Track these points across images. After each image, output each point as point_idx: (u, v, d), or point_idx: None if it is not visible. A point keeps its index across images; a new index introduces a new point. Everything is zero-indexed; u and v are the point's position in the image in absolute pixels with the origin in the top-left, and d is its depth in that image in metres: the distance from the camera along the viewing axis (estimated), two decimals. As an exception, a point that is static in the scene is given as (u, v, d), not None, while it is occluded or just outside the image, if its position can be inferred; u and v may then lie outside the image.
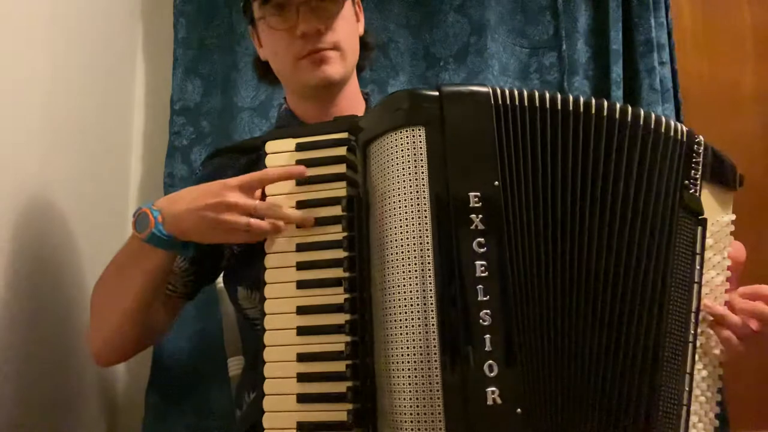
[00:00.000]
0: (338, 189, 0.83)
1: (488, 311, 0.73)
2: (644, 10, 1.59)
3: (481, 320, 0.72)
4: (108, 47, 1.50)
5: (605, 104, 0.83)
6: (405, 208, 0.76)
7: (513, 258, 0.76)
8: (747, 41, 1.68)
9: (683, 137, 0.86)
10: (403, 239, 0.75)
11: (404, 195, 0.76)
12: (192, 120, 1.60)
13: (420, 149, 0.77)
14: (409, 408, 0.72)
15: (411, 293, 0.74)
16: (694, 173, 0.86)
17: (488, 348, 0.72)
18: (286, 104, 1.13)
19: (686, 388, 0.81)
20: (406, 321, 0.74)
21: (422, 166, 0.76)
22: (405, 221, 0.76)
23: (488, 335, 0.72)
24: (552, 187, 0.79)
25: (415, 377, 0.72)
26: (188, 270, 1.04)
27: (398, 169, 0.77)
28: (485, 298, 0.73)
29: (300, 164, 0.85)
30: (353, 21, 1.09)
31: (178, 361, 1.46)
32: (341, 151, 0.84)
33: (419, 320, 0.73)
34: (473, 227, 0.75)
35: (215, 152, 1.14)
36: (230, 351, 1.26)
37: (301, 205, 0.84)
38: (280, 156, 0.87)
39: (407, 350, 0.73)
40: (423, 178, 0.76)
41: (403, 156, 0.77)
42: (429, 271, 0.74)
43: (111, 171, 1.51)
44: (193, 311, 1.45)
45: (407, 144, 0.77)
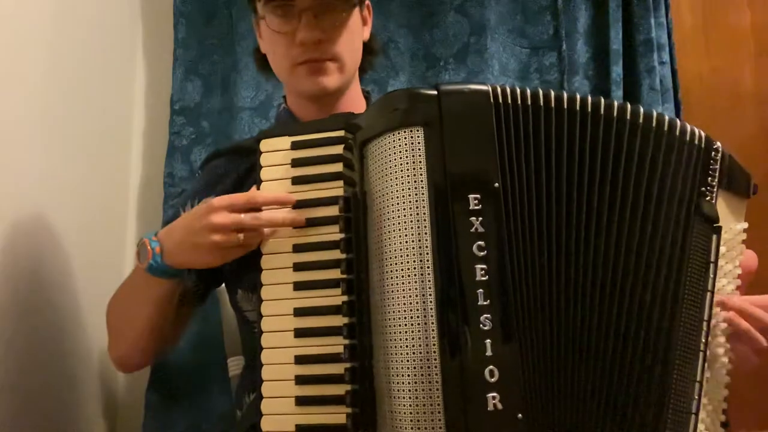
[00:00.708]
0: (335, 188, 0.82)
1: (488, 316, 0.71)
2: (644, 10, 1.58)
3: (482, 325, 0.71)
4: (108, 47, 1.50)
5: (615, 105, 0.80)
6: (403, 211, 0.75)
7: (514, 262, 0.74)
8: (747, 41, 1.67)
9: (701, 143, 0.84)
10: (402, 243, 0.74)
11: (403, 197, 0.75)
12: (192, 120, 1.60)
13: (418, 150, 0.75)
14: (409, 413, 0.71)
15: (410, 297, 0.73)
16: (711, 180, 0.84)
17: (489, 353, 0.71)
18: (285, 104, 1.12)
19: (695, 396, 0.80)
20: (406, 325, 0.73)
21: (421, 168, 0.75)
22: (404, 224, 0.74)
23: (489, 340, 0.71)
24: (557, 189, 0.77)
25: (415, 382, 0.71)
26: (197, 284, 1.04)
27: (396, 171, 0.75)
28: (485, 303, 0.72)
29: (296, 162, 0.84)
30: (357, 29, 1.06)
31: (178, 361, 1.46)
32: (338, 150, 0.82)
33: (419, 325, 0.72)
34: (473, 230, 0.73)
35: (214, 154, 1.13)
36: (230, 351, 1.26)
37: (298, 205, 0.83)
38: (276, 155, 0.85)
39: (407, 355, 0.72)
40: (422, 180, 0.74)
41: (402, 157, 0.75)
42: (428, 275, 0.73)
43: (111, 171, 1.51)
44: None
45: (405, 145, 0.75)
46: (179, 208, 1.06)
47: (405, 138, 0.76)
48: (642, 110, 0.81)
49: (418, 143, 0.75)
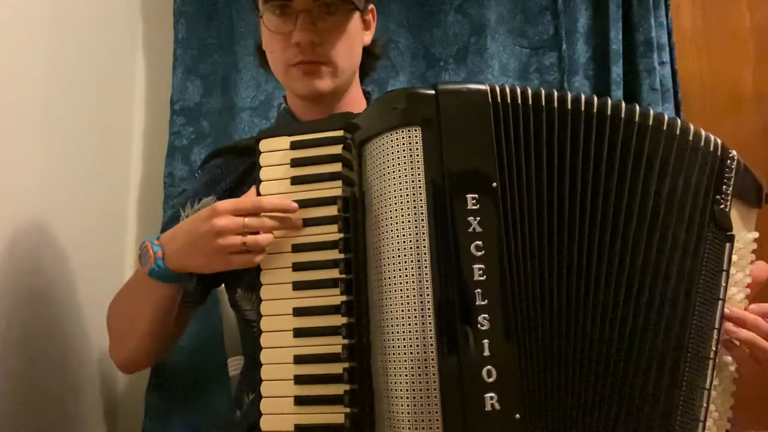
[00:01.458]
0: (334, 188, 0.82)
1: (486, 315, 0.71)
2: (644, 10, 1.58)
3: (480, 325, 0.71)
4: (108, 47, 1.50)
5: (623, 105, 0.79)
6: (401, 211, 0.74)
7: (513, 262, 0.74)
8: (747, 41, 1.67)
9: (717, 150, 0.83)
10: (400, 242, 0.74)
11: (400, 197, 0.74)
12: (192, 120, 1.60)
13: (416, 150, 0.75)
14: (407, 413, 0.71)
15: (408, 297, 0.73)
16: (726, 188, 0.83)
17: (486, 353, 0.70)
18: (286, 103, 1.12)
19: (704, 404, 0.79)
20: (403, 325, 0.72)
21: (418, 168, 0.74)
22: (401, 224, 0.74)
23: (486, 340, 0.71)
24: (559, 190, 0.76)
25: (413, 382, 0.71)
26: (196, 285, 1.04)
27: (394, 171, 0.75)
28: (483, 303, 0.71)
29: (295, 162, 0.84)
30: (356, 34, 1.05)
31: (178, 362, 1.46)
32: (337, 150, 0.82)
33: (416, 325, 0.72)
34: (471, 230, 0.73)
35: (214, 153, 1.13)
36: (230, 351, 1.26)
37: (297, 205, 0.83)
38: (275, 154, 0.85)
39: (404, 355, 0.72)
40: (419, 181, 0.74)
41: (400, 157, 0.75)
42: (426, 275, 0.72)
43: (111, 171, 1.51)
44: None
45: (403, 145, 0.75)
46: (179, 208, 1.06)
47: (403, 137, 0.75)
48: (653, 112, 0.80)
49: (416, 143, 0.75)
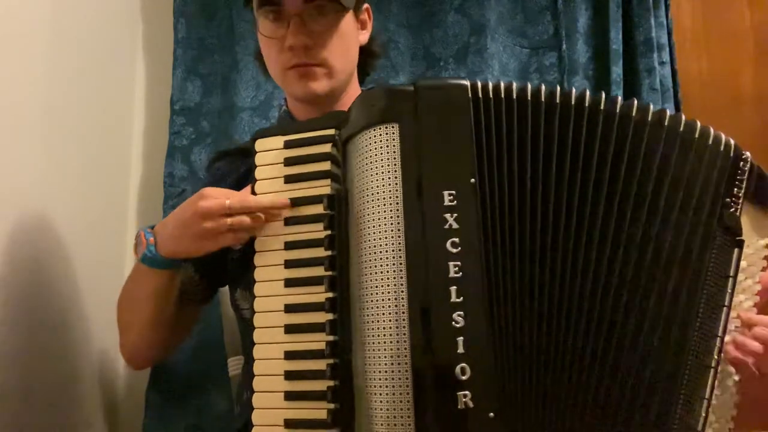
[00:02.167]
0: (324, 187, 0.82)
1: (461, 313, 0.70)
2: (644, 10, 1.58)
3: (454, 322, 0.70)
4: (108, 47, 1.50)
5: (618, 101, 0.77)
6: (380, 208, 0.74)
7: (491, 259, 0.72)
8: (747, 41, 1.67)
9: (728, 150, 0.79)
10: (378, 239, 0.74)
11: (379, 193, 0.74)
12: (192, 120, 1.61)
13: (394, 146, 0.75)
14: (383, 410, 0.71)
15: (385, 294, 0.72)
16: (737, 191, 0.79)
17: (460, 350, 0.69)
18: (286, 105, 1.13)
19: (702, 414, 0.76)
20: (381, 322, 0.72)
21: (395, 164, 0.74)
22: (380, 221, 0.74)
23: (461, 337, 0.70)
24: (544, 186, 0.75)
25: (388, 379, 0.71)
26: (199, 282, 1.05)
27: (373, 168, 0.75)
28: (458, 300, 0.71)
29: (288, 161, 0.84)
30: (350, 34, 1.04)
31: (179, 361, 1.46)
32: (327, 148, 0.82)
33: (392, 322, 0.71)
34: (447, 227, 0.72)
35: (218, 155, 1.14)
36: (230, 351, 1.26)
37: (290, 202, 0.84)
38: (269, 154, 0.86)
39: (381, 352, 0.72)
40: (397, 177, 0.74)
41: (378, 154, 0.75)
42: (402, 273, 0.72)
43: (111, 171, 1.51)
44: (193, 311, 1.45)
45: (382, 141, 0.75)
46: (179, 209, 1.07)
47: (381, 134, 0.76)
48: (653, 108, 0.78)
49: (394, 139, 0.75)
